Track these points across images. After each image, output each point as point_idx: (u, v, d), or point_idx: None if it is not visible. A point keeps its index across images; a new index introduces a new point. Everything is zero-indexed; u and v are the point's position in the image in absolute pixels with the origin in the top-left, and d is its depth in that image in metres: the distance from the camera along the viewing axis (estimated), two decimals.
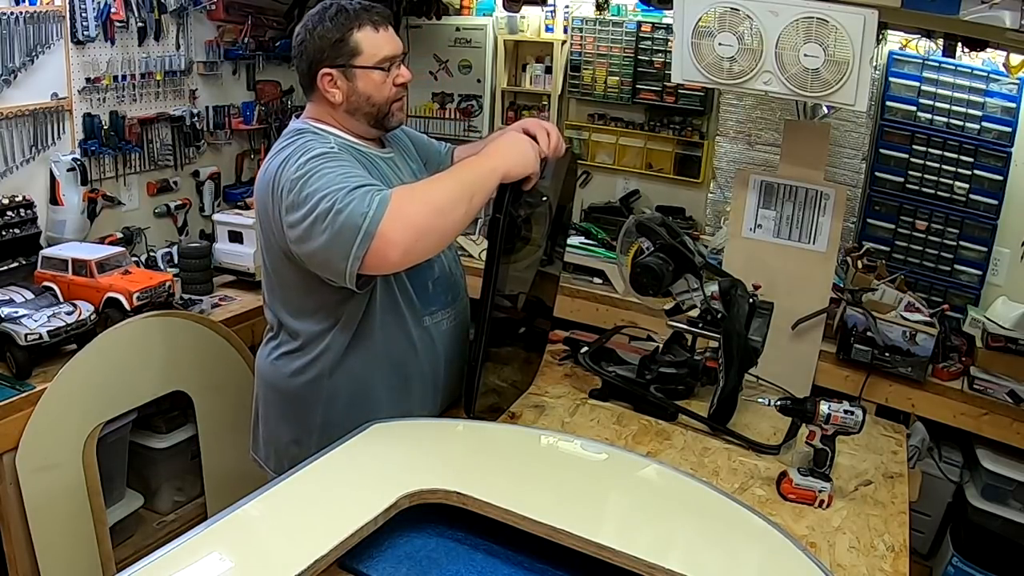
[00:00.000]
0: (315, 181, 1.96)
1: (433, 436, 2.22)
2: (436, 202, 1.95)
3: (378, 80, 2.17)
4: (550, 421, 2.50)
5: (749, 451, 2.39)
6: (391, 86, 2.20)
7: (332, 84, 2.17)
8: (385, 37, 2.17)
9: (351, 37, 2.13)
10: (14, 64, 3.19)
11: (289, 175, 2.01)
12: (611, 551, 1.70)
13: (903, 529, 2.09)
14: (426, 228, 1.93)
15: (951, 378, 3.48)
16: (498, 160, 2.07)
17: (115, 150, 3.66)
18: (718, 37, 3.00)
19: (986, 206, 3.83)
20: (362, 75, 2.16)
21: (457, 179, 2.02)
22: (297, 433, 2.37)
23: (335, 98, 2.18)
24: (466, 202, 1.98)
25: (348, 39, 2.13)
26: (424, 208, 1.93)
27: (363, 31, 2.13)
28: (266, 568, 1.56)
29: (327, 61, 2.15)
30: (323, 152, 2.04)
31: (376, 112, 2.22)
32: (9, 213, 3.24)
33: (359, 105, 2.20)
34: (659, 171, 4.58)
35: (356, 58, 2.14)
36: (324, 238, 1.92)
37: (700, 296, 2.56)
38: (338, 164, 2.01)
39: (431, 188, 2.00)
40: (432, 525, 1.91)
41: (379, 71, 2.17)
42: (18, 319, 2.84)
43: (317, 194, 1.93)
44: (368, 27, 2.14)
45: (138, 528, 3.43)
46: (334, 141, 2.16)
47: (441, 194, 1.97)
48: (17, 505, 2.77)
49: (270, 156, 2.17)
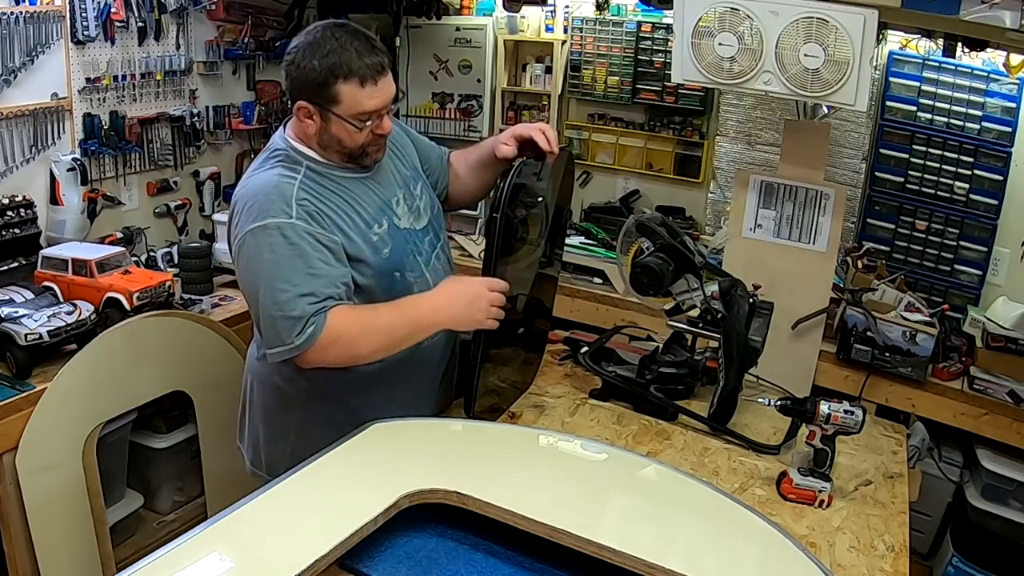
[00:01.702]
0: (261, 266, 2.02)
1: (433, 436, 2.23)
2: (359, 352, 2.06)
3: (351, 131, 2.11)
4: (550, 421, 2.51)
5: (749, 451, 2.40)
6: (368, 134, 2.14)
7: (308, 116, 2.12)
8: (370, 93, 2.08)
9: (335, 86, 2.06)
10: (14, 64, 3.19)
11: (243, 231, 2.05)
12: (611, 551, 1.70)
13: (903, 529, 2.09)
14: (345, 362, 2.07)
15: (951, 378, 3.48)
16: (445, 316, 2.11)
17: (115, 150, 3.66)
18: (718, 37, 3.01)
19: (986, 206, 3.83)
20: (336, 122, 2.10)
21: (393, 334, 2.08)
22: (273, 431, 2.41)
23: (309, 129, 2.14)
24: (392, 348, 2.11)
25: (331, 86, 2.06)
26: (348, 352, 2.04)
27: (348, 83, 2.05)
28: (266, 568, 1.56)
29: (306, 95, 2.09)
30: (279, 229, 2.02)
31: (348, 153, 2.17)
32: (9, 213, 3.24)
33: (330, 143, 2.15)
34: (659, 171, 4.58)
35: (334, 106, 2.08)
36: (258, 318, 2.07)
37: (700, 296, 2.56)
38: (295, 255, 2.01)
39: (367, 336, 2.05)
40: (432, 525, 1.91)
41: (353, 125, 2.11)
42: (18, 319, 2.84)
43: (259, 279, 2.02)
44: (354, 81, 2.05)
45: (138, 528, 3.44)
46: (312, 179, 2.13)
47: (370, 345, 2.06)
48: (17, 505, 2.77)
49: (248, 172, 2.20)
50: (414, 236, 2.31)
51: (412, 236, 2.30)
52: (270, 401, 2.39)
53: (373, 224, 2.19)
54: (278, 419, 2.39)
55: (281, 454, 2.32)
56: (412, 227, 2.31)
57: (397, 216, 2.27)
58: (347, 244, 2.12)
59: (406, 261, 2.26)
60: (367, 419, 2.16)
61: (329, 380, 2.25)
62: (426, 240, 2.36)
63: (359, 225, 2.16)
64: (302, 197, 2.08)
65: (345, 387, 2.29)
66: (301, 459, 1.97)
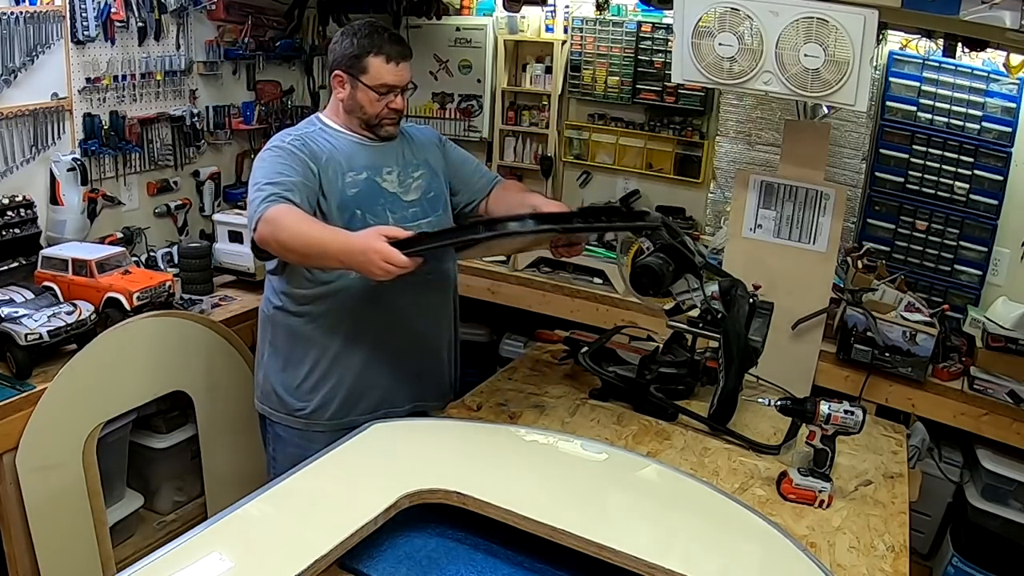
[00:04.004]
0: (260, 165, 2.52)
1: (433, 436, 2.25)
2: (279, 236, 2.33)
3: (373, 98, 2.58)
4: (550, 421, 2.52)
5: (749, 451, 2.41)
6: (384, 107, 2.60)
7: (340, 84, 2.61)
8: (393, 70, 2.57)
9: (366, 59, 2.55)
10: (14, 64, 3.18)
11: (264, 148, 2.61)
12: (611, 551, 1.71)
13: (903, 529, 2.10)
14: (268, 244, 2.37)
15: (951, 378, 3.48)
16: (346, 258, 2.27)
17: (115, 150, 3.65)
18: (718, 37, 3.01)
19: (986, 206, 3.84)
20: (362, 89, 2.57)
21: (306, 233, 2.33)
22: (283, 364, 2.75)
23: (339, 94, 2.63)
24: (305, 257, 2.41)
25: (363, 59, 2.55)
26: (275, 236, 2.34)
27: (378, 58, 2.55)
28: (266, 568, 1.57)
29: (342, 66, 2.59)
30: (279, 146, 2.54)
31: (367, 120, 2.63)
32: (9, 213, 3.23)
33: (353, 109, 2.62)
34: (659, 171, 4.58)
35: (363, 75, 2.56)
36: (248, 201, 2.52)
37: (700, 296, 2.56)
38: (280, 161, 2.49)
39: (296, 230, 2.33)
40: (432, 525, 1.92)
41: (375, 93, 2.57)
42: (18, 319, 2.83)
43: (255, 174, 2.50)
44: (382, 57, 2.55)
45: (138, 528, 3.43)
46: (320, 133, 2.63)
47: (286, 233, 2.33)
48: (17, 505, 2.77)
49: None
50: (394, 198, 2.65)
51: (392, 198, 2.65)
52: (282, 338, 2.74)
53: (351, 171, 2.59)
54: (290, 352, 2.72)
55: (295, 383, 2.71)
56: (396, 192, 2.67)
57: (382, 178, 2.66)
58: (323, 175, 2.53)
59: (372, 207, 2.60)
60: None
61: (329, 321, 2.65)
62: (410, 211, 2.68)
63: (340, 165, 2.58)
64: (302, 134, 2.60)
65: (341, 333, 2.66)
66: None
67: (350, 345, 2.65)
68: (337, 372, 2.66)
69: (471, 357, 4.46)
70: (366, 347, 2.66)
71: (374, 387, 2.69)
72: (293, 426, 2.69)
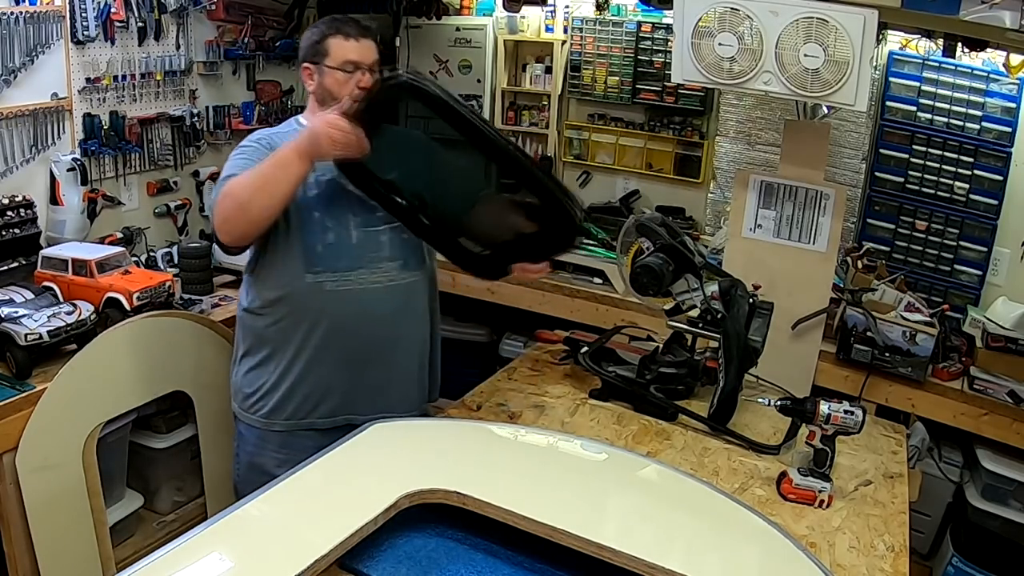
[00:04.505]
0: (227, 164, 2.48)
1: (433, 436, 2.25)
2: (236, 195, 2.32)
3: (340, 79, 2.53)
4: (550, 421, 2.53)
5: (749, 451, 2.42)
6: (353, 87, 2.51)
7: (308, 76, 2.59)
8: (355, 46, 2.54)
9: (325, 41, 2.53)
10: (14, 64, 3.19)
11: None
12: (611, 551, 1.71)
13: (903, 529, 2.11)
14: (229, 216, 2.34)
15: (951, 378, 3.49)
16: (294, 145, 2.30)
17: (115, 150, 3.66)
18: (718, 37, 3.02)
19: (986, 206, 3.84)
20: (328, 73, 2.53)
21: (256, 171, 2.33)
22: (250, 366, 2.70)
23: (310, 87, 2.60)
24: (263, 192, 2.31)
25: (323, 42, 2.53)
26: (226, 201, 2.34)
27: (336, 38, 2.53)
28: (266, 568, 1.58)
29: (307, 58, 2.57)
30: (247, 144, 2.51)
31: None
32: (9, 213, 3.24)
33: (324, 97, 2.55)
34: (659, 171, 4.58)
35: (326, 59, 2.53)
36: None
37: (700, 296, 2.58)
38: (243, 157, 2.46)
39: (237, 181, 2.34)
40: (432, 525, 1.93)
41: (341, 72, 2.53)
42: (18, 319, 2.84)
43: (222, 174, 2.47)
44: (341, 36, 2.53)
45: (138, 528, 3.43)
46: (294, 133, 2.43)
47: (241, 188, 2.32)
48: (17, 505, 2.77)
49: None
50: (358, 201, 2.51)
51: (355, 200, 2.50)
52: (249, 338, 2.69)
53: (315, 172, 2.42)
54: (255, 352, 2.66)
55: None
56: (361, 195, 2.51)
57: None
58: None
59: (331, 208, 2.51)
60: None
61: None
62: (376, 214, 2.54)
63: None
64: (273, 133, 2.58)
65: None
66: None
67: (309, 349, 2.56)
68: (294, 375, 2.58)
69: (471, 357, 4.49)
70: (325, 352, 2.57)
71: (332, 393, 2.60)
72: (254, 425, 2.66)
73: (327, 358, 2.57)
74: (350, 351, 2.57)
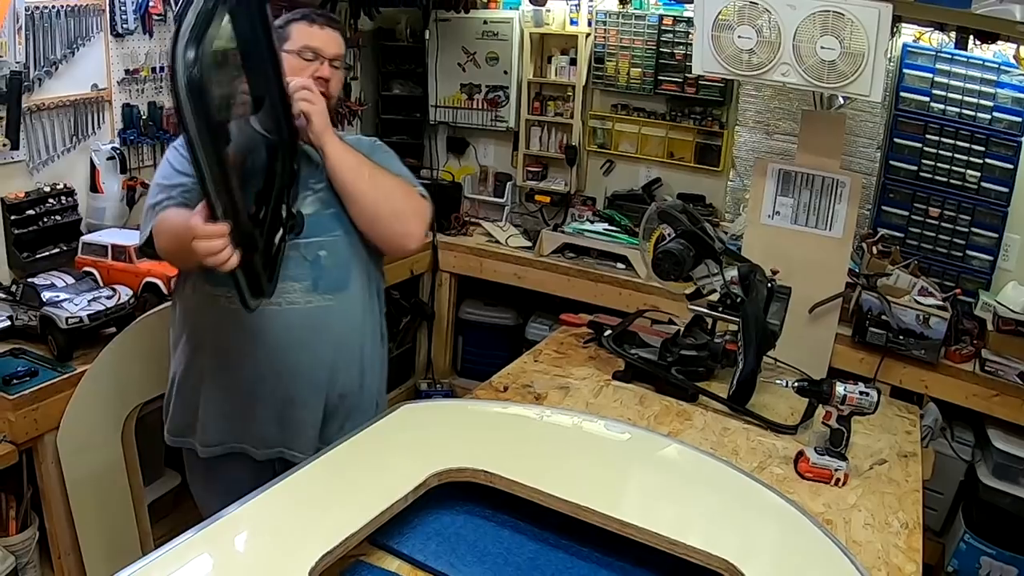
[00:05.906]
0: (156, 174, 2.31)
1: (461, 417, 2.28)
2: (163, 247, 2.17)
3: (295, 66, 2.26)
4: (575, 402, 2.55)
5: (767, 431, 2.44)
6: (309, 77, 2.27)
7: None
8: (317, 32, 2.33)
9: (289, 26, 2.33)
10: (55, 56, 3.25)
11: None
12: (634, 528, 1.73)
13: (917, 507, 2.13)
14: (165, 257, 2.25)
15: (963, 360, 3.54)
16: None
17: (153, 139, 3.71)
18: (737, 30, 3.05)
19: (997, 194, 3.87)
20: (286, 58, 2.22)
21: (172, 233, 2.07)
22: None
23: None
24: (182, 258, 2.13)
25: (286, 27, 2.33)
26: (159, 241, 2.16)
27: (300, 23, 2.33)
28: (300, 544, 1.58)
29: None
30: (166, 166, 2.27)
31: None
32: (51, 200, 3.30)
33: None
34: (680, 160, 4.63)
35: (286, 44, 2.29)
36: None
37: (720, 281, 2.61)
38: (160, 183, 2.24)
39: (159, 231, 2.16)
40: (460, 503, 1.93)
41: (297, 57, 2.29)
42: (59, 303, 2.89)
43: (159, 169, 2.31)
44: (305, 22, 2.34)
45: (176, 506, 3.49)
46: None
47: (165, 241, 2.14)
48: (58, 484, 2.83)
49: None
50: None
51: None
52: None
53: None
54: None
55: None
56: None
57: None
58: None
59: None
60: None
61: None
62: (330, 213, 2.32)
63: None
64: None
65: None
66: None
67: (201, 368, 2.36)
68: (184, 393, 2.42)
69: (498, 339, 4.54)
70: (220, 374, 2.34)
71: (216, 420, 2.36)
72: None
73: (222, 382, 2.33)
74: (239, 377, 2.31)
